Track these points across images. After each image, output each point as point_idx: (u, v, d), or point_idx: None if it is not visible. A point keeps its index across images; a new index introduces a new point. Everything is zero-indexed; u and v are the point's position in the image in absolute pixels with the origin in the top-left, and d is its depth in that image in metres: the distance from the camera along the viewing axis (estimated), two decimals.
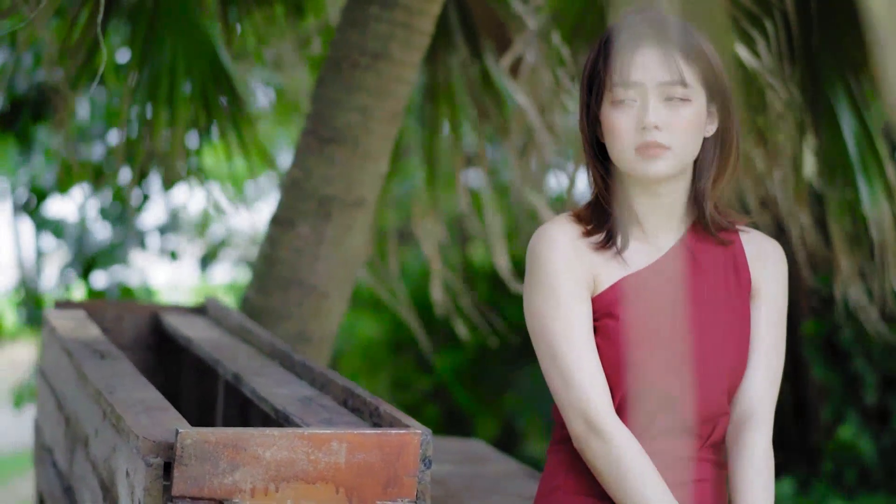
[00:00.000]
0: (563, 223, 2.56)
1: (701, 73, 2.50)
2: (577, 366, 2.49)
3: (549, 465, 2.63)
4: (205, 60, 4.60)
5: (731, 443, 2.57)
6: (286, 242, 4.26)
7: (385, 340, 9.89)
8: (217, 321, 3.98)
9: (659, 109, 2.48)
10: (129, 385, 2.90)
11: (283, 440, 2.38)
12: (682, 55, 2.49)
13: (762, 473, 2.52)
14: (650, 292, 2.54)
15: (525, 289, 2.57)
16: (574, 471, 2.56)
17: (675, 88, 2.48)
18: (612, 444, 2.45)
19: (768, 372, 2.59)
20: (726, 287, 2.58)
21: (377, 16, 4.17)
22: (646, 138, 2.48)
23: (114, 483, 2.65)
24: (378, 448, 2.44)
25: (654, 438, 2.52)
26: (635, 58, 2.50)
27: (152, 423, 2.54)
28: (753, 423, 2.56)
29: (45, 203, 9.11)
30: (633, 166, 2.51)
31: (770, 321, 2.61)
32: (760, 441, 2.54)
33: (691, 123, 2.49)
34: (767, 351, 2.60)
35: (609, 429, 2.46)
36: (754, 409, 2.57)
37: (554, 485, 2.59)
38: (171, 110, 4.59)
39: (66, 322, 3.73)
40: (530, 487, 3.70)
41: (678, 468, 2.53)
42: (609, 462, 2.46)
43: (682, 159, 2.50)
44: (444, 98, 5.12)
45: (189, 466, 2.34)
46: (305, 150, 4.27)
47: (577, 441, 2.50)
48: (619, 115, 2.51)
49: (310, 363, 3.12)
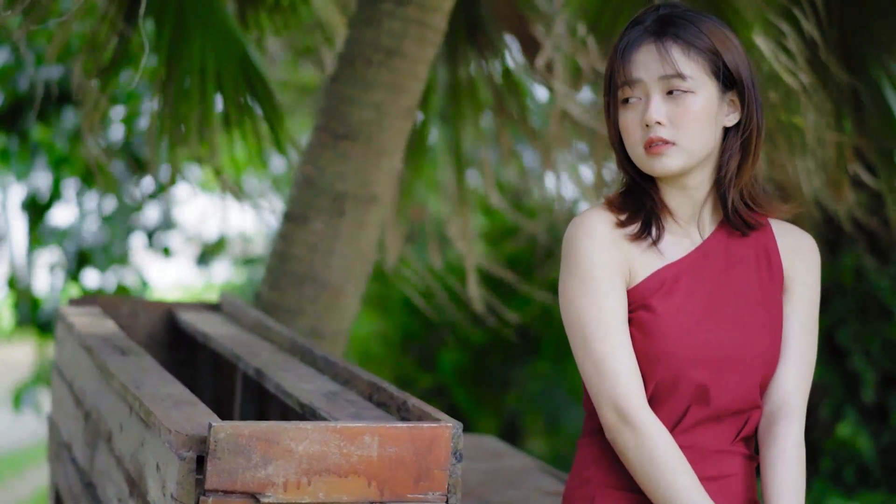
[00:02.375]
0: (600, 212, 2.57)
1: (707, 64, 2.51)
2: (610, 356, 2.49)
3: (580, 457, 2.62)
4: (234, 58, 4.57)
5: (762, 435, 2.57)
6: (300, 238, 4.25)
7: (387, 338, 9.88)
8: (233, 318, 3.98)
9: (661, 105, 2.50)
10: (156, 380, 2.90)
11: (316, 433, 2.38)
12: (679, 48, 2.49)
13: (794, 466, 2.52)
14: (685, 284, 2.54)
15: (560, 278, 2.57)
16: (605, 463, 2.55)
17: (675, 81, 2.49)
18: (645, 436, 2.45)
19: (801, 364, 2.59)
20: (759, 279, 2.59)
21: (391, 12, 4.17)
22: (649, 135, 2.50)
23: (142, 477, 2.65)
24: (410, 441, 2.44)
25: (687, 431, 2.52)
26: (635, 56, 2.52)
27: (183, 418, 2.53)
28: (786, 416, 2.56)
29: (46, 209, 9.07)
30: (644, 164, 2.54)
31: (802, 314, 2.62)
32: (793, 433, 2.54)
33: (696, 116, 2.50)
34: (800, 343, 2.60)
35: (642, 420, 2.45)
36: (787, 401, 2.57)
37: (585, 477, 2.58)
38: (201, 110, 4.56)
39: (83, 318, 3.73)
40: (548, 482, 3.71)
41: (710, 461, 2.53)
42: (641, 454, 2.45)
43: (691, 152, 2.51)
44: (466, 95, 5.14)
45: (222, 460, 2.34)
46: (319, 145, 4.27)
47: (608, 432, 2.49)
48: (627, 113, 2.55)
49: (332, 358, 3.12)
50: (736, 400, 2.52)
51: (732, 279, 2.58)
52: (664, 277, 2.54)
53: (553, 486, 3.64)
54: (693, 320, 2.52)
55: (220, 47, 4.57)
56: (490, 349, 9.75)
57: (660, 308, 2.52)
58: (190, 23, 4.55)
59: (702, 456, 2.52)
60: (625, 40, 2.54)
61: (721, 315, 2.54)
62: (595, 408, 2.52)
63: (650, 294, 2.53)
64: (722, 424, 2.54)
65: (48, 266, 9.41)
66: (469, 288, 5.57)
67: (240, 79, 4.55)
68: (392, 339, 9.97)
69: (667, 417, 2.51)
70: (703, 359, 2.50)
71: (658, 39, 2.50)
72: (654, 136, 2.49)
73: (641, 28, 2.54)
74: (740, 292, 2.57)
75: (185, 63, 4.53)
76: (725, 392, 2.51)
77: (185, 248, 10.88)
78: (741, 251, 2.60)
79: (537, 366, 9.79)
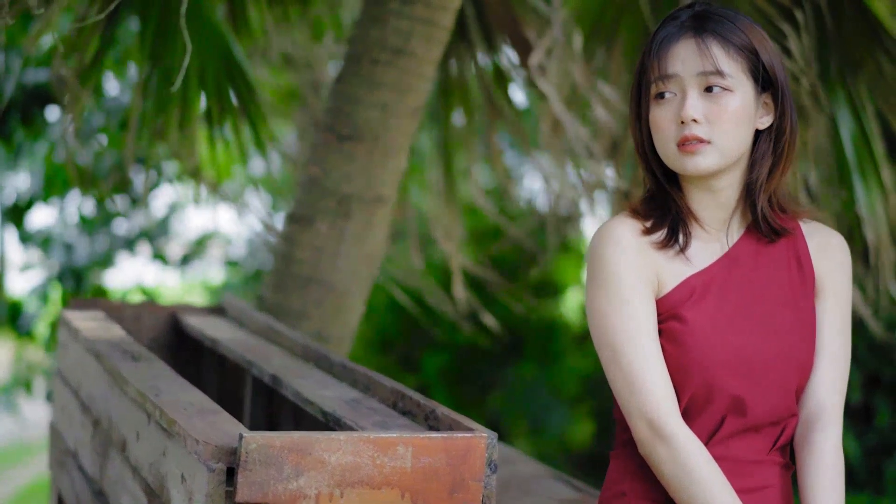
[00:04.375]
0: (625, 221, 2.50)
1: (746, 63, 2.45)
2: (642, 369, 2.42)
3: (613, 470, 2.56)
4: (218, 57, 4.52)
5: (800, 443, 2.51)
6: (305, 241, 4.19)
7: (370, 339, 9.83)
8: (239, 322, 3.91)
9: (697, 102, 2.43)
10: (174, 387, 2.83)
11: (349, 444, 2.32)
12: (719, 45, 2.43)
13: (833, 474, 2.47)
14: (715, 292, 2.48)
15: (587, 289, 2.51)
16: (639, 476, 2.49)
17: (714, 78, 2.42)
18: (680, 450, 2.39)
19: (836, 369, 2.53)
20: (790, 282, 2.53)
21: (398, 11, 4.12)
22: (684, 132, 2.43)
23: (165, 488, 2.58)
24: (444, 452, 2.38)
25: (722, 442, 2.46)
26: (673, 50, 2.45)
27: (209, 427, 2.47)
28: (823, 423, 2.50)
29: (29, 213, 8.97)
30: (675, 162, 2.46)
31: (836, 316, 2.55)
32: (830, 440, 2.49)
33: (734, 115, 2.43)
34: (833, 345, 2.54)
35: (676, 434, 2.39)
36: (823, 406, 2.51)
37: (619, 491, 2.52)
38: (183, 109, 4.51)
39: (88, 323, 3.65)
40: (560, 489, 3.66)
41: (746, 473, 2.47)
42: (676, 468, 2.39)
43: (726, 153, 2.45)
44: (458, 95, 5.08)
45: (253, 472, 2.28)
46: (324, 147, 4.20)
47: (642, 446, 2.43)
48: (660, 110, 2.47)
49: (350, 364, 3.06)
50: (773, 409, 2.46)
51: (763, 284, 2.52)
52: (694, 286, 2.48)
53: (567, 494, 3.58)
54: (726, 329, 2.46)
55: (205, 46, 4.51)
56: (473, 350, 9.70)
57: (690, 317, 2.46)
58: (175, 20, 4.49)
59: (738, 468, 2.46)
60: (661, 35, 2.47)
61: (754, 322, 2.48)
62: (627, 421, 2.46)
63: (680, 303, 2.47)
64: (758, 435, 2.48)
65: (24, 266, 9.30)
66: (455, 289, 5.51)
67: (223, 77, 4.49)
68: (372, 340, 9.92)
69: (701, 430, 2.45)
70: (737, 368, 2.44)
71: (697, 35, 2.44)
72: (689, 134, 2.42)
73: (678, 23, 2.47)
74: (772, 297, 2.51)
75: (168, 61, 4.48)
76: (762, 402, 2.45)
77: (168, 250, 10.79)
78: (771, 254, 2.54)
79: (521, 367, 9.76)
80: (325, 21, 5.34)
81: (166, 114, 4.52)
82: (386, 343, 9.93)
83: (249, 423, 3.56)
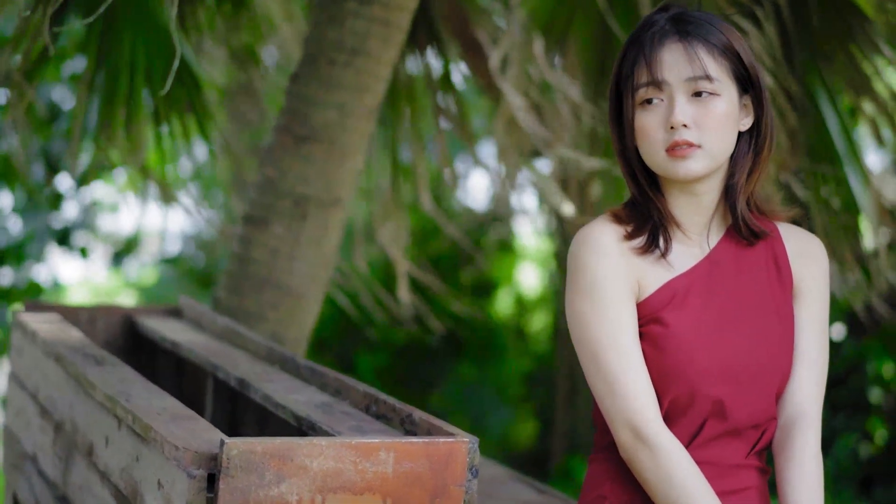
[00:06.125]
0: (606, 225, 2.50)
1: (730, 65, 2.46)
2: (623, 373, 2.42)
3: (592, 473, 2.56)
4: (165, 55, 4.48)
5: (779, 447, 2.52)
6: (260, 242, 4.16)
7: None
8: (197, 324, 3.87)
9: (686, 107, 2.43)
10: (144, 392, 2.80)
11: (331, 450, 2.31)
12: (705, 49, 2.44)
13: (813, 477, 2.48)
14: (696, 295, 2.49)
15: (567, 294, 2.51)
16: (619, 480, 2.49)
17: (703, 83, 2.43)
18: (661, 454, 2.39)
19: (815, 372, 2.54)
20: (770, 285, 2.54)
21: (355, 12, 4.09)
22: (674, 137, 2.44)
23: (138, 494, 2.55)
24: (426, 457, 2.37)
25: (703, 446, 2.47)
26: (659, 56, 2.45)
27: (186, 433, 2.44)
28: (803, 426, 2.51)
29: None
30: (664, 168, 2.46)
31: (814, 319, 2.57)
32: (810, 445, 2.50)
33: (722, 119, 2.44)
34: (812, 348, 2.55)
35: (657, 438, 2.40)
36: (803, 411, 2.52)
37: (598, 495, 2.52)
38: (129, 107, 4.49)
39: (45, 325, 3.59)
40: (523, 492, 3.66)
41: (727, 476, 2.48)
42: (658, 472, 2.40)
43: (715, 156, 2.46)
44: (405, 96, 5.06)
45: (235, 478, 2.26)
46: (280, 148, 4.17)
47: (623, 451, 2.43)
48: (648, 115, 2.46)
49: (319, 368, 3.04)
50: (753, 413, 2.48)
51: (743, 288, 2.53)
52: (675, 289, 2.49)
53: (530, 496, 3.59)
54: (707, 333, 2.47)
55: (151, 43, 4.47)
56: (411, 350, 9.70)
57: (672, 321, 2.46)
58: (120, 18, 4.45)
59: (718, 471, 2.47)
60: (643, 39, 2.47)
61: (735, 326, 2.49)
62: (608, 426, 2.46)
63: (661, 307, 2.47)
64: (739, 439, 2.49)
65: None
66: (400, 293, 5.49)
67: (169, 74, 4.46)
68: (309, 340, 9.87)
69: (682, 433, 2.45)
70: (718, 373, 2.45)
71: (683, 39, 2.44)
72: (679, 139, 2.43)
73: (658, 28, 2.47)
74: (752, 301, 2.52)
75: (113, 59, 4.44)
76: (743, 406, 2.46)
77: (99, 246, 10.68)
78: (750, 258, 2.55)
79: (461, 367, 9.76)
80: (274, 19, 5.30)
81: (113, 112, 4.48)
82: (322, 343, 9.89)
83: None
